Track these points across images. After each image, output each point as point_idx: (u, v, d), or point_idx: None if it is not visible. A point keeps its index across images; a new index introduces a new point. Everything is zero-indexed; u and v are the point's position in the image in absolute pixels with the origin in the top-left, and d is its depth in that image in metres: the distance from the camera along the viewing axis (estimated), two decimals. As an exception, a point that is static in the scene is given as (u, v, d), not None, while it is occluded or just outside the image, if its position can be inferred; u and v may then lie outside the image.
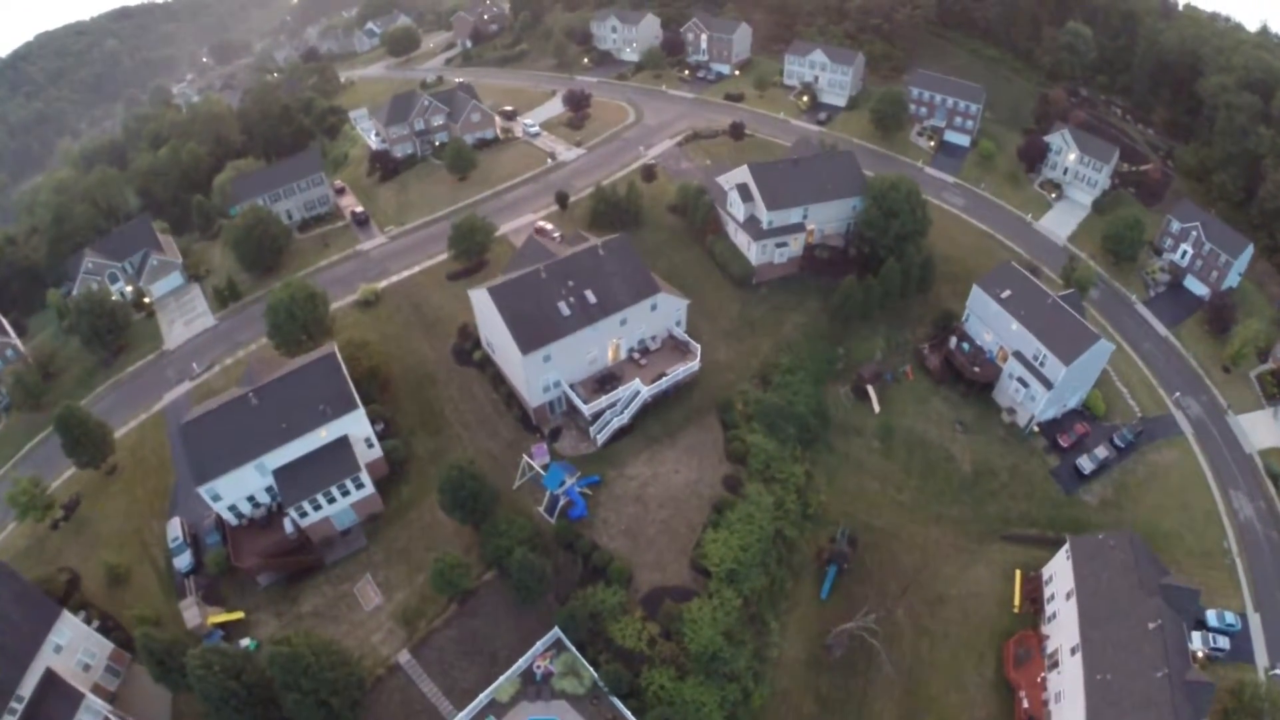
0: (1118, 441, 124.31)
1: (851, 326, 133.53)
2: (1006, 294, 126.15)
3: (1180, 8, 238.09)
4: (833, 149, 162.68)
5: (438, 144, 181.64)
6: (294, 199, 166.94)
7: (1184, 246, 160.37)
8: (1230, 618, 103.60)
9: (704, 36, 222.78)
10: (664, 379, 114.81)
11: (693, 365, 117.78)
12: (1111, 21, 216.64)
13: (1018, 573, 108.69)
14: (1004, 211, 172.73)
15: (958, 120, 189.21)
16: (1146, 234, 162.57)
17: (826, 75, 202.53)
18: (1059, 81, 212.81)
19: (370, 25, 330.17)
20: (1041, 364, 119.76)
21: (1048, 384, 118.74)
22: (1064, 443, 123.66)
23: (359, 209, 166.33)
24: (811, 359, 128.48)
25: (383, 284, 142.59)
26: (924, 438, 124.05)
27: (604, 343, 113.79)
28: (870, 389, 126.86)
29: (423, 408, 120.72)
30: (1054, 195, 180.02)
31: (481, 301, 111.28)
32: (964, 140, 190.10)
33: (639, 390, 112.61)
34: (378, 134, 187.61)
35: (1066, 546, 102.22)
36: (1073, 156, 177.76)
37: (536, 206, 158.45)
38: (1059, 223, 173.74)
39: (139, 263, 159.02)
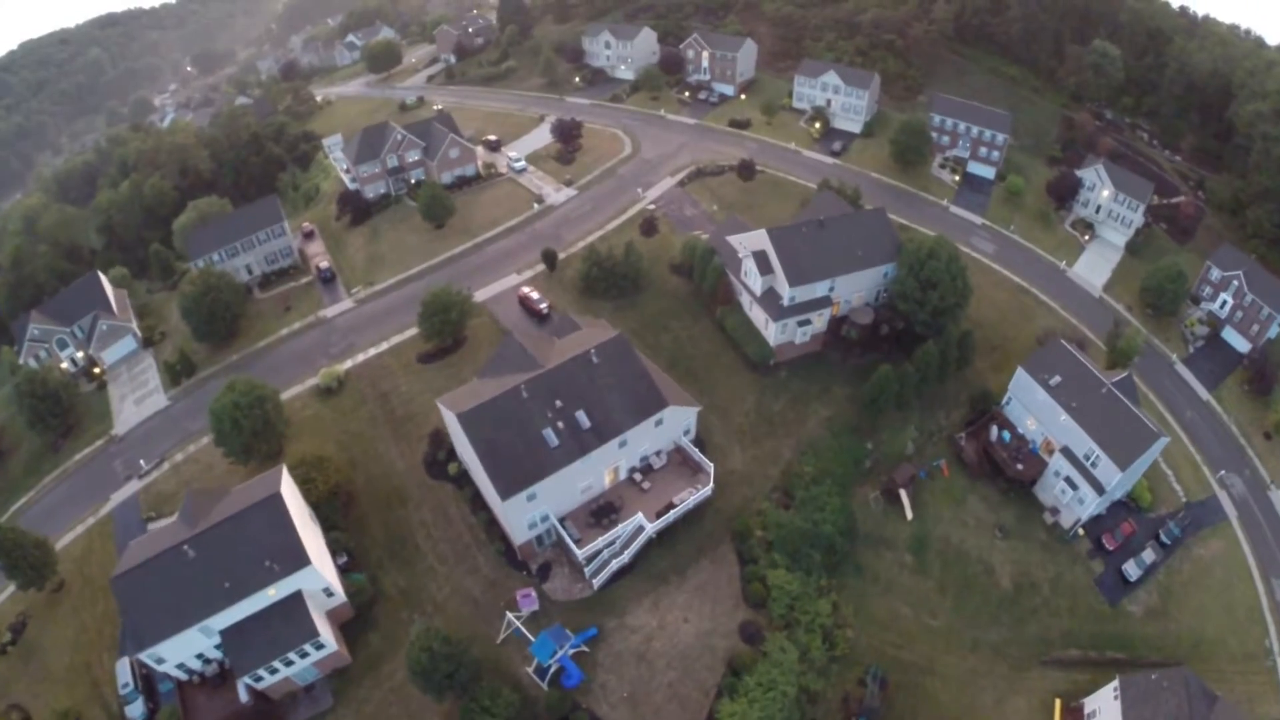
0: (1164, 538, 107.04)
1: (882, 417, 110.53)
2: (1055, 380, 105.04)
3: (1200, 19, 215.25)
4: (856, 193, 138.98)
5: (413, 182, 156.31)
6: (254, 252, 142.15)
7: (1224, 296, 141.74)
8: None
9: (705, 54, 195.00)
10: (672, 511, 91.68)
11: (705, 491, 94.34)
12: (1137, 39, 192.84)
13: (1057, 703, 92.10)
14: (1036, 258, 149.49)
15: (982, 151, 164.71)
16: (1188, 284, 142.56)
17: (840, 99, 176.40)
18: (1083, 103, 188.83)
19: (351, 38, 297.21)
20: (1093, 465, 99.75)
21: (1100, 488, 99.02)
22: (1109, 545, 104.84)
23: (324, 264, 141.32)
24: (838, 461, 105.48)
25: (347, 365, 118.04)
26: (960, 548, 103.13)
27: (599, 470, 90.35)
28: (903, 492, 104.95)
29: (391, 533, 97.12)
30: (1086, 237, 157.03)
31: (453, 421, 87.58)
32: (989, 172, 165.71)
33: (642, 526, 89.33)
34: (348, 171, 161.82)
35: (1116, 685, 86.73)
36: (1106, 193, 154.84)
37: (521, 264, 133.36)
38: (1093, 269, 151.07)
39: (89, 326, 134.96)
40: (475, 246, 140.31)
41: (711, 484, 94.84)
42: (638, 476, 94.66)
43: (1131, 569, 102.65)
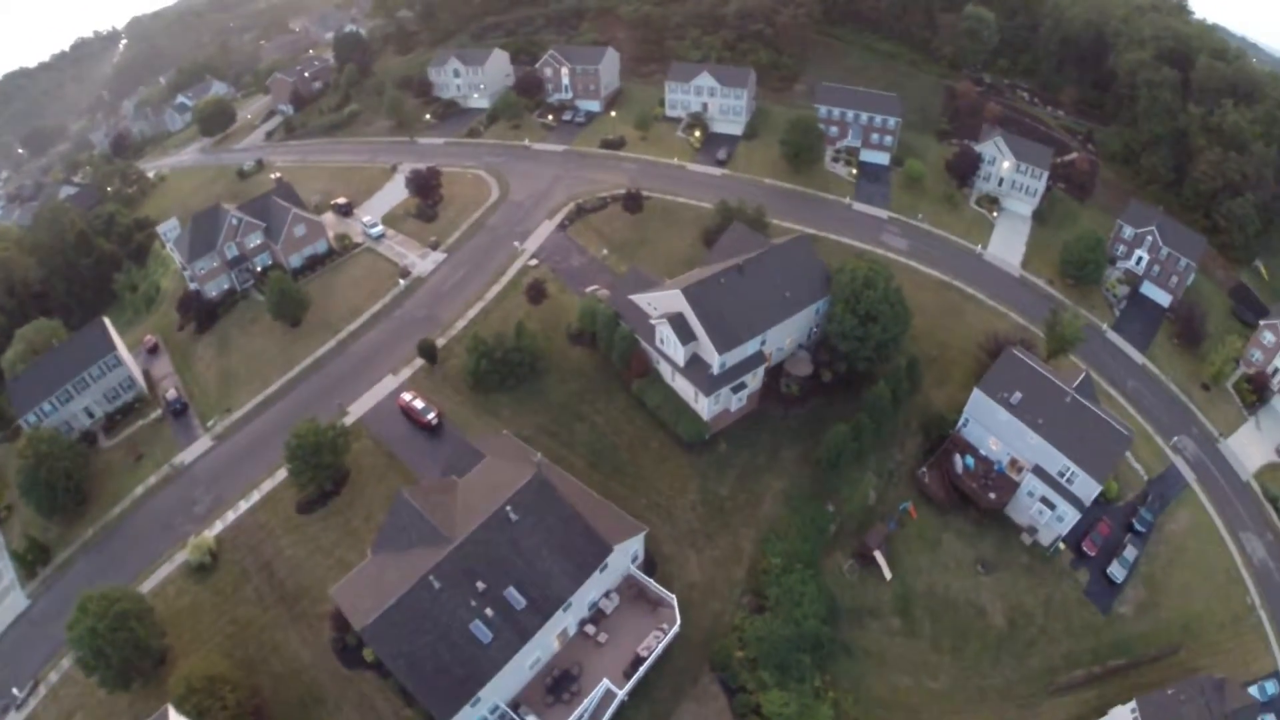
0: (1139, 526, 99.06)
1: (840, 471, 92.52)
2: (1017, 398, 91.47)
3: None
4: (759, 211, 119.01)
5: (259, 270, 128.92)
6: (89, 392, 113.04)
7: (1139, 253, 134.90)
8: (1271, 688, 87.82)
9: (564, 70, 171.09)
10: (641, 665, 71.43)
11: (673, 630, 74.26)
12: (1007, 0, 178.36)
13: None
14: (949, 245, 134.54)
15: (874, 137, 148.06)
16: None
17: (717, 101, 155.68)
18: (960, 71, 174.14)
19: (181, 98, 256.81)
20: (1069, 481, 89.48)
21: (1080, 505, 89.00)
22: (1090, 551, 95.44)
23: (172, 393, 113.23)
24: (803, 537, 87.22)
25: (217, 528, 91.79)
26: (946, 595, 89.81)
27: (546, 642, 69.12)
28: (878, 554, 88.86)
29: (316, 743, 73.44)
30: (994, 213, 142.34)
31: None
32: (883, 159, 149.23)
33: (613, 692, 68.72)
34: (184, 269, 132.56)
35: (1133, 707, 78.99)
36: (1007, 165, 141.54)
37: (396, 360, 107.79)
38: (1007, 246, 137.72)
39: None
40: (339, 345, 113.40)
41: (678, 617, 74.70)
42: (590, 629, 73.75)
43: (1116, 570, 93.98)
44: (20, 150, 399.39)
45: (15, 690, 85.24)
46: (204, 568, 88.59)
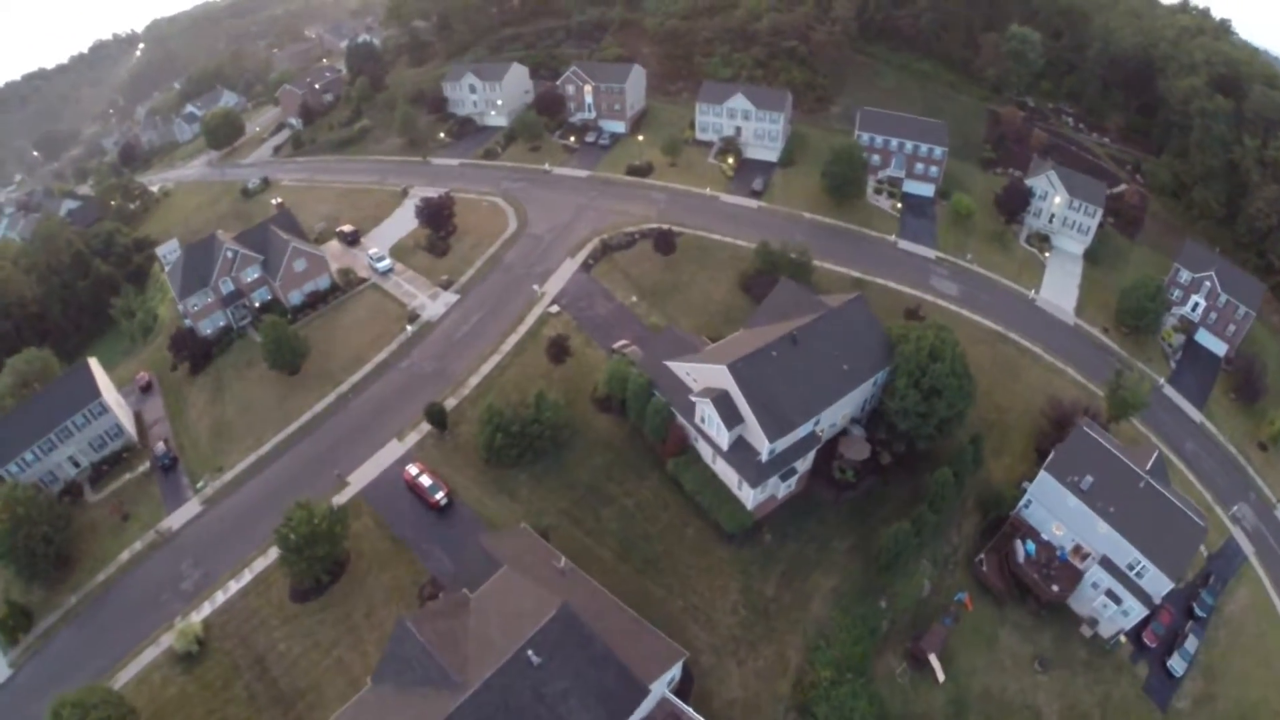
0: (1200, 612, 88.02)
1: (894, 564, 79.79)
2: (1087, 482, 79.11)
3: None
4: (804, 252, 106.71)
5: (258, 306, 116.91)
6: (74, 441, 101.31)
7: (1195, 299, 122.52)
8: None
9: (588, 88, 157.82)
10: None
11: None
12: (1051, 20, 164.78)
13: None
14: (1001, 290, 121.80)
15: (919, 167, 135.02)
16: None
17: (752, 125, 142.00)
18: (1002, 94, 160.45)
19: (190, 108, 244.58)
20: (1139, 575, 77.85)
21: (1149, 601, 77.39)
22: (1151, 642, 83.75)
23: (161, 448, 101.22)
24: (854, 640, 74.15)
25: (205, 611, 79.95)
26: (1002, 698, 76.92)
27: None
28: (933, 657, 76.05)
29: None
30: (1045, 253, 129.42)
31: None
32: (928, 191, 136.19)
33: None
34: (178, 304, 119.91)
35: None
36: (1059, 200, 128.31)
37: (402, 422, 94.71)
38: (1060, 291, 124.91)
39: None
40: (340, 399, 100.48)
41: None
42: (617, 767, 61.08)
43: (1177, 664, 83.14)
44: (34, 154, 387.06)
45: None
46: (191, 656, 77.18)
